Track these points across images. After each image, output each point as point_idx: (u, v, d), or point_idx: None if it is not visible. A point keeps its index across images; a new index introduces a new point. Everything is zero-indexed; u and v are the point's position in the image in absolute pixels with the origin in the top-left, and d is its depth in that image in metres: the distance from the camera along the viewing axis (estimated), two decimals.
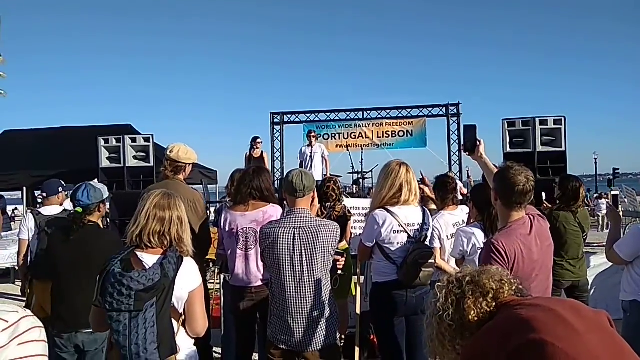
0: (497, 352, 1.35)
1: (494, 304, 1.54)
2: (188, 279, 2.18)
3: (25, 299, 4.22)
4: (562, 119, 6.13)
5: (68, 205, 4.20)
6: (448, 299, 1.58)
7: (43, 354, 1.01)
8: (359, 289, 5.07)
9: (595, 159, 43.76)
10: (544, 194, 4.99)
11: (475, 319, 1.52)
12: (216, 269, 4.51)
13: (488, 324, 1.48)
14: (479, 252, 3.28)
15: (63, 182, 4.66)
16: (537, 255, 2.47)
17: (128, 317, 2.01)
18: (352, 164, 11.55)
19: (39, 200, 4.92)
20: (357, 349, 4.84)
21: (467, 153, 2.97)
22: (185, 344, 2.20)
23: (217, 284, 5.08)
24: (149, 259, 2.16)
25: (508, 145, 6.22)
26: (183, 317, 2.19)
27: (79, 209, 3.08)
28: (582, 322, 1.39)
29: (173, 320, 2.14)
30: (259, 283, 3.39)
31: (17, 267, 6.06)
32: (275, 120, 14.99)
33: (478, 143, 2.90)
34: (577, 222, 4.34)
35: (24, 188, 10.09)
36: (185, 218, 2.32)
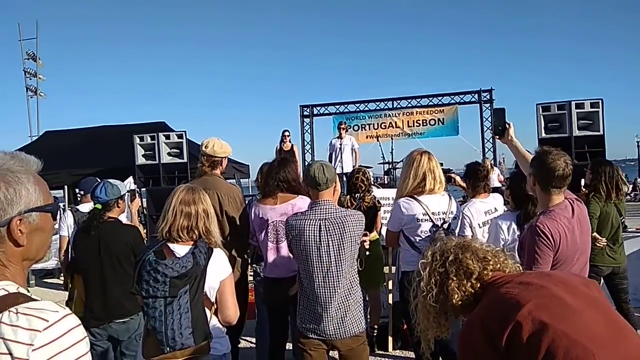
0: (495, 338, 1.34)
1: (479, 284, 1.52)
2: (219, 269, 2.25)
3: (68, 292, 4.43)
4: (600, 101, 5.91)
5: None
6: (431, 279, 1.57)
7: (86, 351, 1.02)
8: (391, 279, 5.08)
9: (638, 142, 42.04)
10: (583, 180, 4.86)
11: (460, 302, 1.51)
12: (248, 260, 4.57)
13: (480, 307, 1.46)
14: (518, 240, 3.23)
15: (99, 180, 4.83)
16: (579, 239, 2.46)
17: (163, 303, 2.09)
18: (382, 154, 11.48)
19: (78, 198, 5.11)
20: (390, 338, 4.86)
21: (497, 136, 2.96)
22: (217, 332, 2.27)
23: (250, 275, 5.17)
24: (180, 249, 2.24)
25: (543, 131, 6.05)
26: (215, 305, 2.26)
27: (99, 206, 3.22)
28: (576, 299, 1.37)
29: (205, 308, 2.21)
30: (291, 274, 3.42)
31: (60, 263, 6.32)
32: (305, 113, 15.00)
33: (507, 126, 2.88)
34: (615, 206, 4.21)
35: (65, 187, 10.48)
36: (212, 210, 2.38)
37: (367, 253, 3.04)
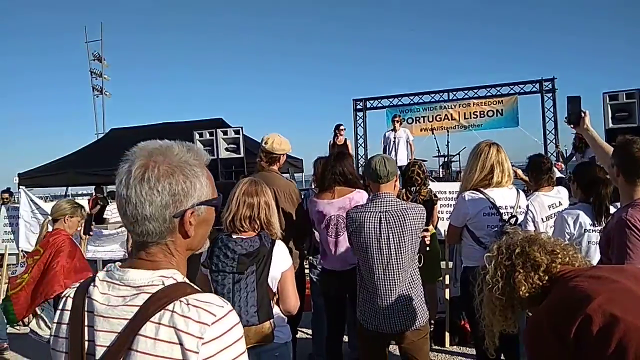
0: (563, 331, 1.30)
1: (547, 277, 1.48)
2: (280, 260, 2.33)
3: None
4: None
5: None
6: (497, 272, 1.55)
7: (245, 349, 1.02)
8: (447, 274, 5.01)
9: None
10: None
11: (527, 294, 1.48)
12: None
13: (548, 300, 1.42)
14: (585, 234, 3.11)
15: None
16: None
17: (232, 281, 2.23)
18: (437, 147, 11.29)
19: None
20: (447, 334, 4.80)
21: (572, 126, 2.89)
22: (279, 321, 2.34)
23: (306, 268, 5.25)
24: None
25: (610, 121, 5.76)
26: (277, 296, 2.34)
27: None
28: None
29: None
30: (349, 267, 3.45)
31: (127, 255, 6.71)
32: (358, 107, 14.93)
33: (583, 114, 2.80)
34: None
35: None
36: (272, 203, 2.47)
37: (427, 249, 3.00)
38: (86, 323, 1.03)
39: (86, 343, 1.02)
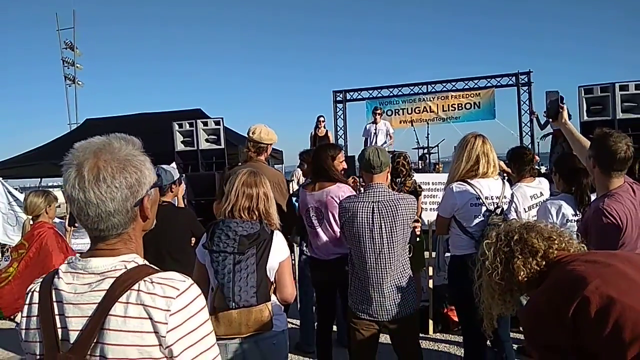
0: (562, 312, 1.37)
1: (544, 262, 1.56)
2: (278, 250, 2.35)
3: None
4: None
5: None
6: (497, 258, 1.62)
7: (208, 317, 1.12)
8: (431, 265, 5.11)
9: None
10: None
11: (525, 279, 1.55)
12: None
13: (546, 283, 1.49)
14: (568, 223, 3.22)
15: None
16: None
17: (232, 261, 2.25)
18: (417, 139, 11.42)
19: None
20: (430, 322, 4.91)
21: (550, 119, 2.98)
22: (276, 309, 2.37)
23: (292, 260, 5.29)
24: None
25: (585, 113, 5.92)
26: (274, 285, 2.37)
27: None
28: None
29: None
30: (333, 257, 3.50)
31: None
32: (338, 99, 14.97)
33: (561, 109, 2.88)
34: None
35: None
36: (271, 194, 2.48)
37: (418, 239, 3.06)
38: (56, 312, 1.09)
39: (59, 330, 1.08)
